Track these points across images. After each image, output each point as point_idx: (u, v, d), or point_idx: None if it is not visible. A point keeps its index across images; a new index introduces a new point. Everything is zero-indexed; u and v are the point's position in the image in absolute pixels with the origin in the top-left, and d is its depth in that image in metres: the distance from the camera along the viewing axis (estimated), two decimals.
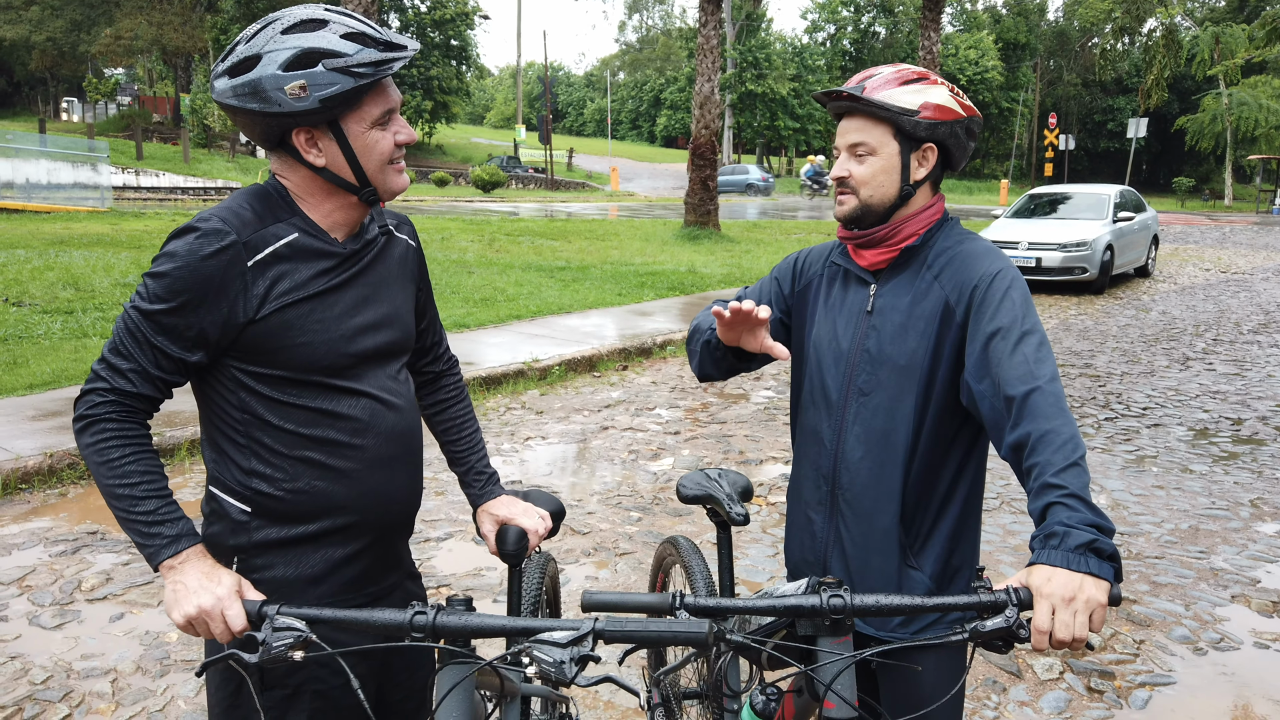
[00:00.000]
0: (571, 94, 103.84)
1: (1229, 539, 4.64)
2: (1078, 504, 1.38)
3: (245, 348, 1.51)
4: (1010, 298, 1.63)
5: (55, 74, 52.80)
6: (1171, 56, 32.64)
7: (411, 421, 1.72)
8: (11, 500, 4.87)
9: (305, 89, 1.43)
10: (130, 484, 1.46)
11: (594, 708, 3.13)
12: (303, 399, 1.56)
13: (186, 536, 1.47)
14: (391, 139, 1.55)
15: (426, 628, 1.26)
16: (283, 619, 1.30)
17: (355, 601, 1.66)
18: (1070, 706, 3.17)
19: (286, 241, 1.52)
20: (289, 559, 1.59)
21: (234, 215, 1.50)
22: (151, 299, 1.47)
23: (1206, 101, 46.95)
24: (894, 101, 1.68)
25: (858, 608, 1.37)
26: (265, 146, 1.55)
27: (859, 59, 61.82)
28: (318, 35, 1.45)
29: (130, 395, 1.50)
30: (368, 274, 1.64)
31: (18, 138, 23.50)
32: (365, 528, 1.64)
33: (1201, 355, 9.47)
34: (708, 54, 18.41)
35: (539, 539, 1.88)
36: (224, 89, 1.47)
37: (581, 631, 1.19)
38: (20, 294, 10.06)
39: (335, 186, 1.55)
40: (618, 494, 5.19)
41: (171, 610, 1.42)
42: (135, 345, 1.48)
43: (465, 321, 9.50)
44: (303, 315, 1.53)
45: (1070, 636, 1.31)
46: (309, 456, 1.57)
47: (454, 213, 27.23)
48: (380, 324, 1.65)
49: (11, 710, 3.02)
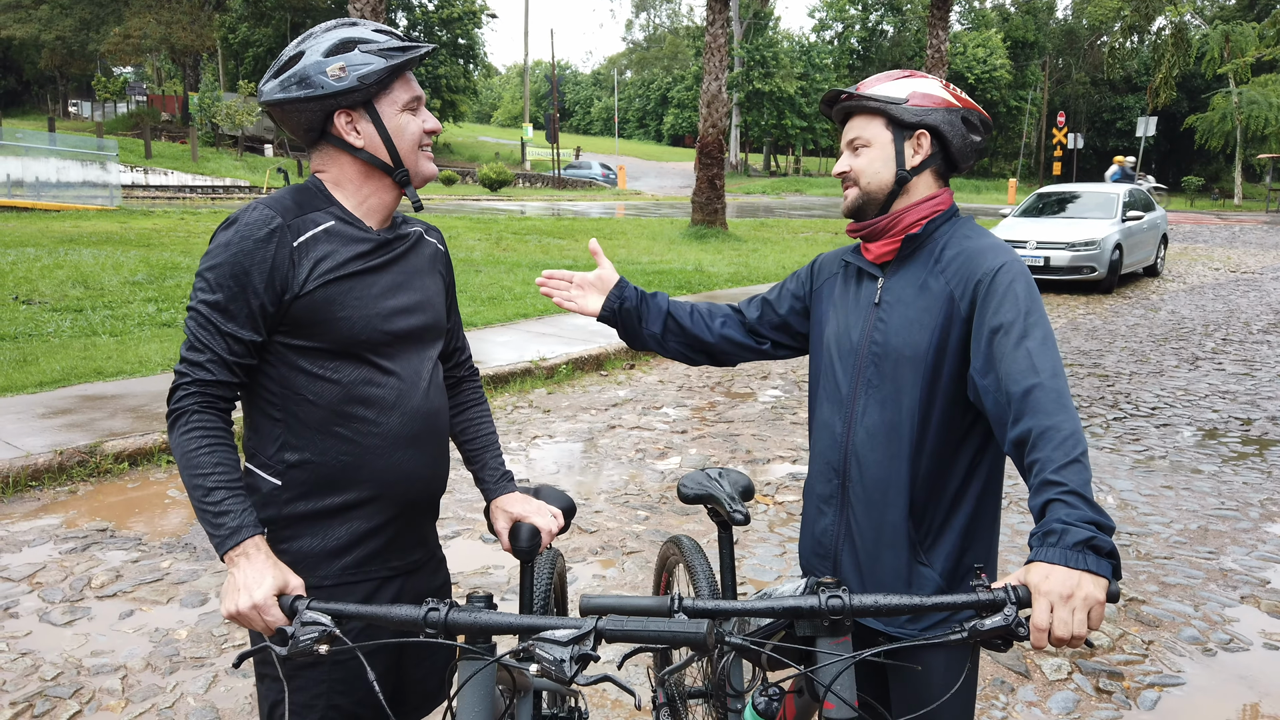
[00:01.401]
0: (578, 92, 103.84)
1: (1238, 539, 4.63)
2: (1077, 501, 1.38)
3: (291, 321, 1.63)
4: (1014, 292, 1.63)
5: (64, 73, 52.95)
6: (1181, 55, 32.52)
7: (437, 404, 1.81)
8: (22, 497, 4.90)
9: (344, 70, 1.61)
10: (203, 474, 1.55)
11: (602, 706, 3.13)
12: (339, 374, 1.66)
13: (247, 527, 1.53)
14: (420, 124, 1.71)
15: (439, 624, 1.30)
16: (310, 614, 1.35)
17: (378, 574, 1.75)
18: (1079, 707, 3.16)
19: (325, 227, 1.66)
20: (315, 531, 1.68)
21: (277, 203, 1.65)
22: (214, 289, 1.59)
23: (1216, 100, 46.73)
24: (882, 93, 1.76)
25: (856, 608, 1.37)
26: (308, 139, 1.70)
27: (866, 57, 61.72)
28: (352, 29, 1.66)
29: (210, 384, 1.60)
30: (401, 262, 1.76)
31: (27, 136, 23.63)
32: (389, 502, 1.73)
33: (1211, 355, 9.43)
34: (715, 52, 18.40)
35: (552, 537, 1.93)
36: (272, 87, 1.64)
37: (583, 630, 1.21)
38: (30, 292, 10.10)
39: (372, 169, 1.69)
40: (625, 493, 5.19)
41: (222, 603, 1.51)
42: (209, 335, 1.59)
43: (473, 320, 9.52)
44: (343, 292, 1.65)
45: (1069, 634, 1.31)
46: (338, 432, 1.66)
47: (461, 211, 27.27)
48: (414, 308, 1.76)
49: (23, 706, 3.03)
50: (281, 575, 1.51)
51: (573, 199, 38.71)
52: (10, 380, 6.58)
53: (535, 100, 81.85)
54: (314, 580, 1.67)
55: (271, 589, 1.48)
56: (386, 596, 1.77)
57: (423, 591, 1.85)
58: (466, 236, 18.37)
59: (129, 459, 5.36)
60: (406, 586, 1.81)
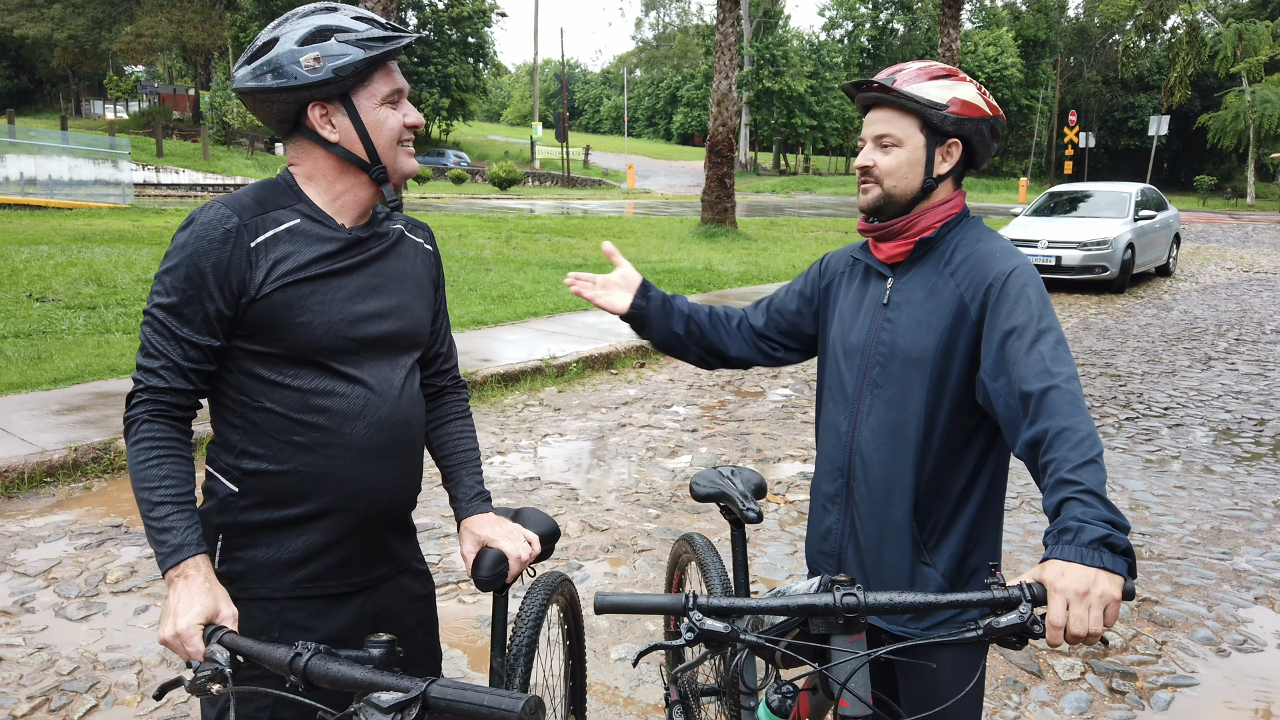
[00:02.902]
0: (588, 91, 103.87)
1: (1252, 540, 4.61)
2: (1092, 500, 1.37)
3: (248, 326, 1.55)
4: (1026, 295, 1.63)
5: (77, 71, 53.25)
6: (1195, 53, 32.30)
7: (409, 415, 1.70)
8: (37, 493, 4.93)
9: (319, 60, 1.52)
10: (150, 487, 1.49)
11: (613, 703, 3.14)
12: (299, 380, 1.58)
13: (189, 546, 1.47)
14: (400, 119, 1.61)
15: (299, 671, 1.24)
16: (213, 648, 1.32)
17: (336, 589, 1.66)
18: (1092, 707, 3.16)
19: (288, 226, 1.57)
20: (271, 541, 1.60)
21: (235, 201, 1.56)
22: (169, 292, 1.52)
23: (1229, 99, 46.47)
24: (923, 94, 1.70)
25: (871, 606, 1.37)
26: (281, 130, 1.61)
27: (877, 56, 61.56)
28: (330, 15, 1.56)
29: (164, 391, 1.54)
30: (376, 263, 1.66)
31: (40, 135, 23.76)
32: (349, 516, 1.63)
33: (1224, 355, 9.39)
34: (725, 51, 18.38)
35: (521, 566, 1.76)
36: (244, 74, 1.55)
37: (409, 696, 1.16)
38: (44, 290, 10.16)
39: (347, 165, 1.60)
40: (635, 491, 5.20)
41: (160, 629, 1.45)
42: (163, 341, 1.53)
43: (483, 318, 9.53)
44: (303, 295, 1.56)
45: (1085, 631, 1.31)
46: (297, 440, 1.58)
47: (471, 210, 27.32)
48: (386, 313, 1.66)
49: (40, 700, 3.06)
50: (212, 603, 1.44)
51: (582, 198, 38.73)
52: (25, 377, 6.62)
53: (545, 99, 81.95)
54: (267, 591, 1.60)
55: (197, 617, 1.41)
56: (344, 612, 1.67)
57: (386, 607, 1.75)
58: (476, 235, 18.40)
59: None
60: (368, 602, 1.72)
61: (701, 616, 1.37)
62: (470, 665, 3.39)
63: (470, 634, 3.59)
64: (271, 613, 1.58)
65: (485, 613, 3.74)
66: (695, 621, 1.37)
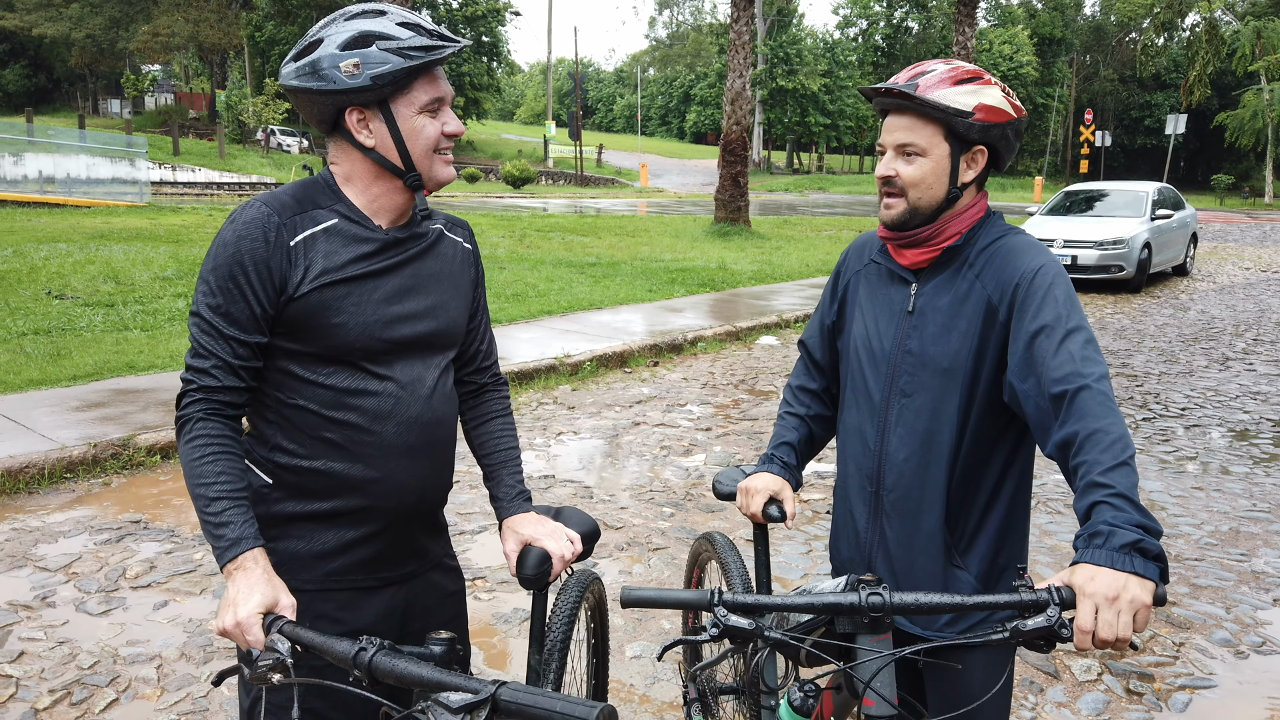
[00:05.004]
0: (601, 90, 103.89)
1: (1270, 541, 4.57)
2: (1124, 504, 1.36)
3: (285, 324, 1.57)
4: (1053, 294, 1.59)
5: (94, 70, 53.62)
6: (1214, 51, 32.00)
7: (441, 414, 1.71)
8: (57, 489, 4.98)
9: (359, 66, 1.52)
10: (205, 484, 1.51)
11: (629, 701, 3.15)
12: (332, 379, 1.60)
13: (245, 540, 1.48)
14: (439, 128, 1.61)
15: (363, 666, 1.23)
16: (275, 638, 1.32)
17: (365, 583, 1.68)
18: (1109, 708, 3.14)
19: (325, 226, 1.59)
20: (303, 533, 1.63)
21: (275, 200, 1.59)
22: (214, 292, 1.54)
23: (1247, 97, 46.06)
24: (948, 102, 1.63)
25: (896, 605, 1.37)
26: (322, 129, 1.63)
27: (891, 54, 61.32)
28: (375, 21, 1.55)
29: (216, 390, 1.56)
30: (413, 264, 1.68)
31: (58, 133, 23.98)
32: (379, 512, 1.66)
33: (1241, 355, 9.32)
34: (739, 50, 18.35)
35: (564, 565, 1.77)
36: (288, 72, 1.57)
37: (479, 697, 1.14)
38: (62, 287, 10.25)
39: (383, 170, 1.61)
40: (650, 490, 5.20)
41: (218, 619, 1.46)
42: (212, 341, 1.55)
43: (497, 317, 9.55)
44: (340, 296, 1.58)
45: (1113, 636, 1.30)
46: (328, 437, 1.61)
47: (484, 209, 27.37)
48: (422, 314, 1.67)
49: (61, 694, 3.09)
50: (272, 593, 1.45)
51: (595, 196, 38.74)
52: (44, 374, 6.68)
53: (558, 98, 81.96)
54: (297, 583, 1.60)
55: (257, 607, 1.42)
56: (373, 605, 1.70)
57: (416, 602, 1.77)
58: (490, 234, 18.44)
59: (161, 452, 5.43)
60: (398, 596, 1.73)
61: (727, 612, 1.37)
62: (486, 662, 3.40)
63: (486, 631, 3.60)
64: (302, 603, 1.59)
65: (502, 609, 3.76)
66: (720, 617, 1.37)
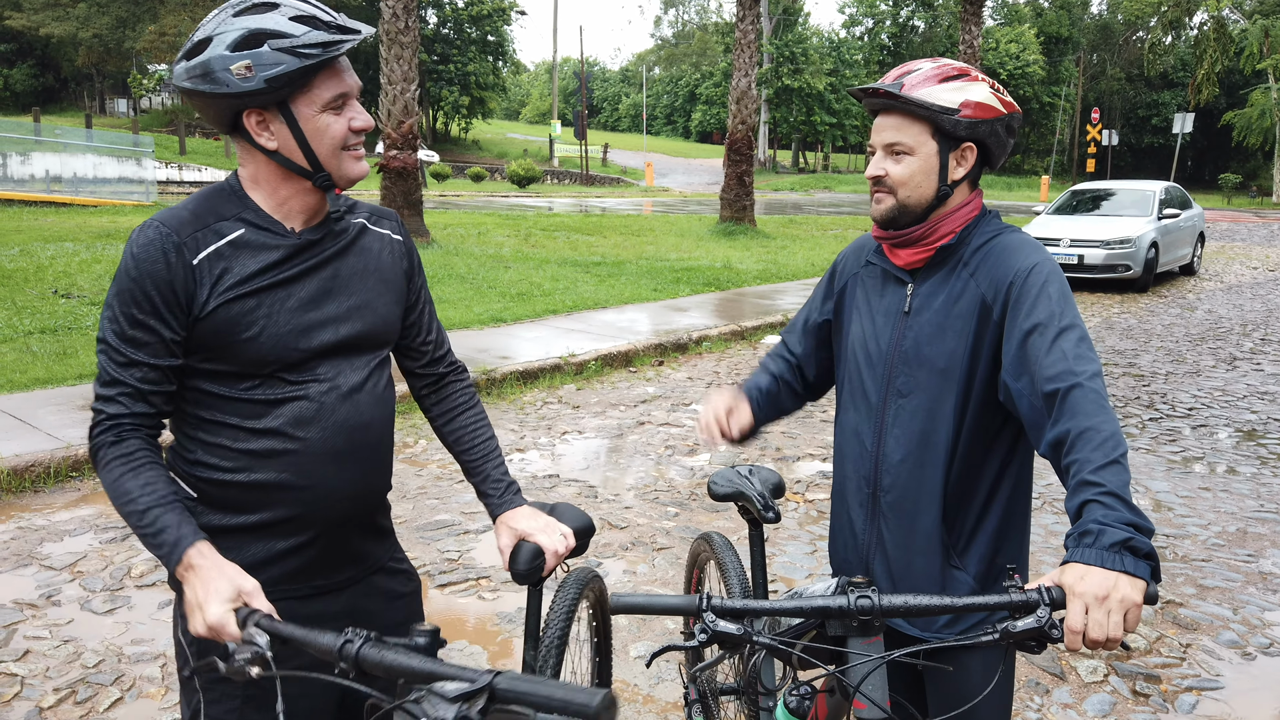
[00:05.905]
0: (607, 89, 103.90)
1: (1278, 542, 4.55)
2: (1114, 502, 1.35)
3: (198, 344, 1.52)
4: (1047, 292, 1.59)
5: (101, 70, 53.77)
6: (1223, 50, 31.89)
7: (370, 415, 1.65)
8: (62, 488, 4.99)
9: (251, 69, 1.43)
10: (131, 499, 1.46)
11: (633, 700, 3.14)
12: (251, 393, 1.55)
13: (185, 538, 1.43)
14: (345, 124, 1.53)
15: (349, 658, 1.22)
16: (252, 631, 1.30)
17: (300, 592, 1.64)
18: (1115, 710, 3.13)
19: (230, 239, 1.52)
20: (231, 546, 1.56)
21: (173, 217, 1.52)
22: (118, 319, 1.49)
23: (1255, 96, 45.84)
24: (933, 100, 1.63)
25: (885, 608, 1.36)
26: (221, 130, 1.55)
27: (897, 53, 61.19)
28: (266, 17, 1.46)
29: (123, 417, 1.51)
30: (331, 265, 1.61)
31: (65, 133, 24.00)
32: (310, 521, 1.61)
33: (1249, 355, 9.28)
34: (745, 49, 18.33)
35: (558, 560, 1.75)
36: (180, 72, 1.48)
37: (475, 687, 1.11)
38: (69, 286, 10.27)
39: (289, 171, 1.54)
40: (654, 489, 5.20)
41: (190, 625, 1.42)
42: (118, 369, 1.50)
43: (502, 316, 9.56)
44: (249, 310, 1.51)
45: (1104, 636, 1.29)
46: (252, 448, 1.55)
47: (490, 208, 27.38)
48: (343, 317, 1.61)
49: (66, 692, 3.09)
50: (230, 585, 1.39)
51: (601, 195, 38.73)
52: (50, 372, 6.70)
53: (563, 97, 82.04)
54: None
55: (223, 604, 1.37)
56: (308, 613, 1.62)
57: (358, 608, 1.71)
58: (495, 233, 18.44)
59: None
60: (335, 603, 1.68)
61: (715, 618, 1.37)
62: (490, 661, 3.40)
63: (491, 630, 3.60)
64: None
65: (505, 609, 3.75)
66: (709, 623, 1.36)
